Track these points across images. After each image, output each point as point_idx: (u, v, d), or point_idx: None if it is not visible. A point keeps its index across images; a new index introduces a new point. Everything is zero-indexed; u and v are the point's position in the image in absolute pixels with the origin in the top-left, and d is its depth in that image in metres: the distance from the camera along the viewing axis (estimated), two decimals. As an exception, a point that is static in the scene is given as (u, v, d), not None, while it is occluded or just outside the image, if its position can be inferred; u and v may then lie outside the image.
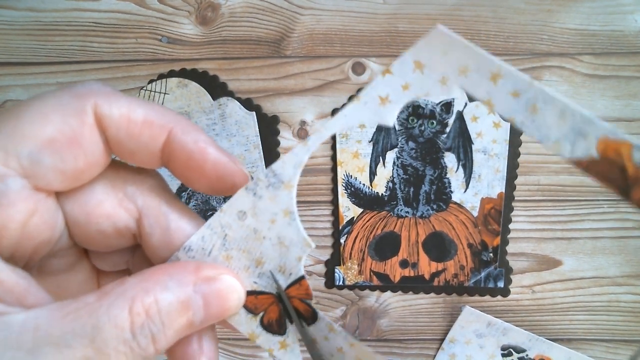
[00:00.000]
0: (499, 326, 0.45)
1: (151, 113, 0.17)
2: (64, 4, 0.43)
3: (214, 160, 0.17)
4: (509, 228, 0.44)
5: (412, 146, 0.43)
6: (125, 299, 0.15)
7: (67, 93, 0.16)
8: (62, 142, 0.15)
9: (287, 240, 0.18)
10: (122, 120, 0.16)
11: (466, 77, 0.14)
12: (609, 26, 0.42)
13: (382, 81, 0.15)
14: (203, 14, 0.43)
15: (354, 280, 0.45)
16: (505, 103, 0.14)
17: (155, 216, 0.18)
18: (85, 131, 0.16)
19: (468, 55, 0.14)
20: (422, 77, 0.15)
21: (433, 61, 0.15)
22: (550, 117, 0.13)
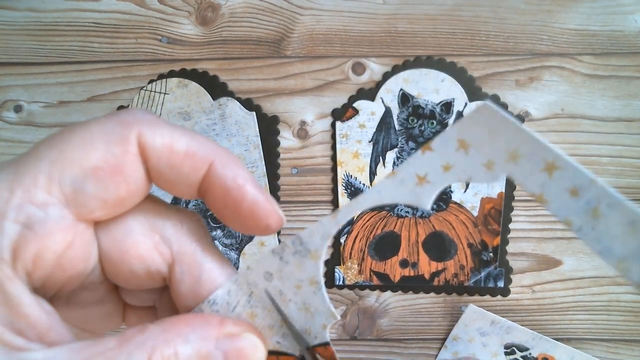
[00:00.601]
0: (502, 324, 0.45)
1: (194, 144, 0.17)
2: (64, 4, 0.43)
3: (251, 200, 0.17)
4: (509, 228, 0.44)
5: (412, 146, 0.43)
6: (145, 348, 0.15)
7: (111, 120, 0.16)
8: (105, 170, 0.15)
9: (313, 308, 0.18)
10: (164, 150, 0.16)
11: (516, 164, 0.13)
12: (609, 26, 0.42)
13: (422, 158, 0.14)
14: (203, 14, 0.43)
15: (354, 280, 0.45)
16: (561, 201, 0.12)
17: (189, 264, 0.17)
18: (128, 160, 0.16)
19: (520, 138, 0.12)
20: (466, 158, 0.13)
21: (479, 141, 0.13)
22: (615, 227, 0.11)
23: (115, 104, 0.44)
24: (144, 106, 0.44)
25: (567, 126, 0.43)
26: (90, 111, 0.44)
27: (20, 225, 0.14)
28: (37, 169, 0.15)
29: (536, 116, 0.43)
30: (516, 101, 0.43)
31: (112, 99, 0.44)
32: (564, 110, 0.43)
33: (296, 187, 0.45)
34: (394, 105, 0.43)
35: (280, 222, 0.17)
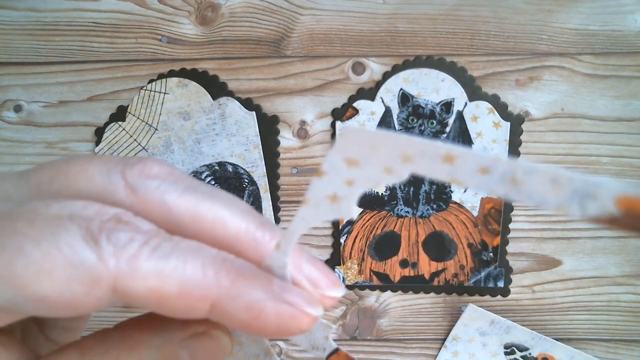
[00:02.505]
0: (502, 324, 0.45)
1: (186, 283, 0.13)
2: (64, 4, 0.43)
3: (275, 322, 0.14)
4: (509, 228, 0.44)
5: (412, 146, 0.43)
6: (109, 359, 0.14)
7: (87, 247, 0.13)
8: (55, 302, 0.13)
9: None
10: (150, 295, 0.13)
11: (414, 163, 0.12)
12: (609, 26, 0.42)
13: (321, 182, 0.14)
14: (203, 14, 0.43)
15: (354, 280, 0.45)
16: (476, 180, 0.12)
17: None
18: (88, 301, 0.13)
19: (400, 143, 0.12)
20: (362, 170, 0.13)
21: (365, 156, 0.13)
22: (540, 185, 0.11)
23: (115, 103, 0.44)
24: (144, 106, 0.43)
25: (567, 126, 0.43)
26: (90, 111, 0.44)
27: None
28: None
29: (536, 116, 0.43)
30: (516, 101, 0.43)
31: (112, 98, 0.44)
32: (564, 110, 0.43)
33: (296, 187, 0.45)
34: (394, 105, 0.43)
35: (314, 319, 0.15)
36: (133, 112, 0.44)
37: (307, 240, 0.45)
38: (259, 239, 0.15)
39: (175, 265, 0.13)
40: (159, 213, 0.14)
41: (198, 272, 0.14)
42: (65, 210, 0.13)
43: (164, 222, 0.14)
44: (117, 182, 0.14)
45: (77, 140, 0.45)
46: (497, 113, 0.42)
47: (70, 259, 0.13)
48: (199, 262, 0.14)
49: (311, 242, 0.45)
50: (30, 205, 0.14)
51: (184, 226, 0.14)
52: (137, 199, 0.14)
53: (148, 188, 0.14)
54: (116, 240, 0.13)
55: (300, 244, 0.16)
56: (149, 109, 0.44)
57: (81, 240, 0.13)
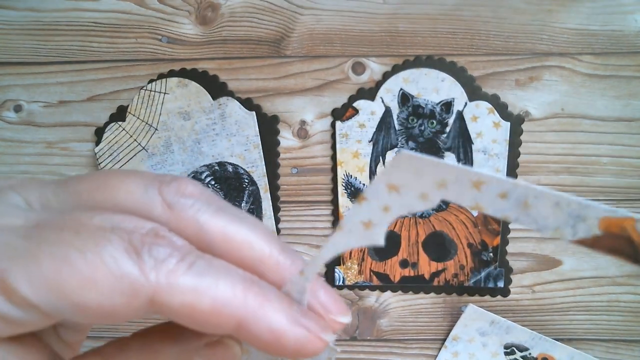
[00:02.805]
0: (502, 324, 0.45)
1: (218, 300, 0.14)
2: (64, 3, 0.43)
3: (294, 345, 0.15)
4: (509, 228, 0.44)
5: (412, 146, 0.43)
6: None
7: (130, 261, 0.14)
8: (95, 311, 0.14)
9: None
10: (184, 309, 0.14)
11: (447, 189, 0.14)
12: (609, 26, 0.42)
13: (360, 207, 0.15)
14: (203, 14, 0.43)
15: (354, 280, 0.45)
16: (495, 205, 0.14)
17: None
18: (126, 311, 0.14)
19: (442, 171, 0.14)
20: (400, 196, 0.15)
21: (407, 182, 0.15)
22: (544, 209, 0.13)
23: (115, 103, 0.44)
24: (144, 106, 0.43)
25: (567, 126, 0.43)
26: (90, 111, 0.44)
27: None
28: (25, 275, 0.13)
29: (536, 116, 0.43)
30: (516, 101, 0.43)
31: (112, 98, 0.44)
32: (564, 110, 0.43)
33: (296, 187, 0.45)
34: (394, 105, 0.43)
35: (324, 345, 0.16)
36: (133, 112, 0.44)
37: (307, 241, 0.45)
38: (281, 263, 0.16)
39: (210, 283, 0.14)
40: (192, 230, 0.15)
41: (229, 292, 0.14)
42: (107, 222, 0.14)
43: (196, 240, 0.15)
44: (154, 198, 0.15)
45: (77, 140, 0.45)
46: (497, 113, 0.42)
47: (114, 270, 0.13)
48: (230, 281, 0.14)
49: (311, 242, 0.45)
50: (73, 215, 0.14)
51: (214, 245, 0.15)
52: (173, 216, 0.15)
53: (183, 206, 0.15)
54: (157, 255, 0.14)
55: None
56: (149, 109, 0.44)
57: (124, 253, 0.14)
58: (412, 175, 0.14)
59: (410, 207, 0.15)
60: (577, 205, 0.12)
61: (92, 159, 0.45)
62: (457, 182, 0.14)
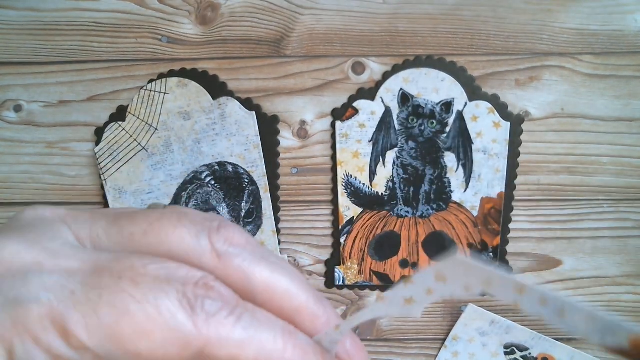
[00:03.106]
0: (502, 324, 0.45)
1: (262, 353, 0.15)
2: (64, 3, 0.43)
3: None
4: (509, 228, 0.44)
5: (412, 146, 0.43)
6: None
7: (184, 312, 0.14)
8: (144, 358, 0.14)
9: None
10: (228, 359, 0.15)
11: (491, 287, 0.15)
12: (609, 26, 0.42)
13: (405, 288, 0.17)
14: (203, 14, 0.43)
15: (354, 280, 0.45)
16: (533, 308, 0.15)
17: None
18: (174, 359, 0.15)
19: (491, 276, 0.15)
20: (445, 285, 0.16)
21: (456, 276, 0.16)
22: (578, 320, 0.14)
23: (115, 103, 0.44)
24: (144, 106, 0.43)
25: (567, 126, 0.43)
26: (90, 111, 0.44)
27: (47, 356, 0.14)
28: (84, 319, 0.14)
29: (536, 116, 0.43)
30: (516, 101, 0.43)
31: (112, 98, 0.44)
32: (564, 110, 0.43)
33: (296, 187, 0.45)
34: (394, 105, 0.43)
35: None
36: (133, 112, 0.44)
37: (308, 241, 0.45)
38: (317, 314, 0.17)
39: (254, 335, 0.15)
40: (238, 279, 0.16)
41: (271, 344, 0.15)
42: (162, 271, 0.15)
43: (241, 288, 0.16)
44: (205, 246, 0.16)
45: (77, 140, 0.45)
46: (497, 113, 0.42)
47: (170, 323, 0.14)
48: (272, 334, 0.15)
49: (311, 242, 0.45)
50: (129, 262, 0.15)
51: (257, 294, 0.16)
52: (221, 264, 0.16)
53: (231, 255, 0.16)
54: (209, 309, 0.15)
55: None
56: (149, 109, 0.44)
57: (179, 306, 0.14)
58: (462, 272, 0.16)
59: (453, 293, 0.16)
60: (610, 322, 0.13)
61: (92, 159, 0.45)
62: (502, 285, 0.15)
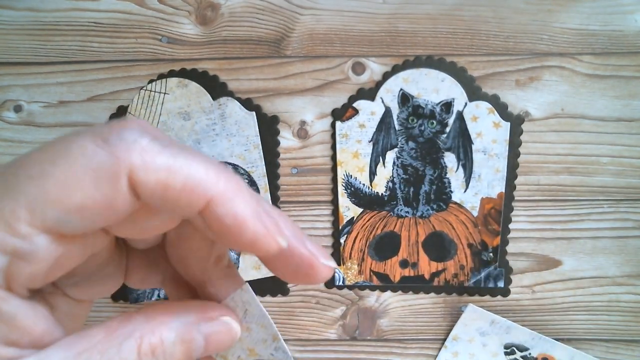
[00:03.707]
0: (502, 324, 0.45)
1: (192, 178, 0.15)
2: (64, 3, 0.43)
3: (251, 236, 0.16)
4: (509, 228, 0.44)
5: (412, 146, 0.43)
6: (134, 338, 0.16)
7: (101, 150, 0.15)
8: (92, 208, 0.15)
9: None
10: (158, 187, 0.15)
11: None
12: (609, 26, 0.42)
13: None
14: (203, 14, 0.43)
15: (354, 280, 0.45)
16: None
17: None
18: (118, 198, 0.15)
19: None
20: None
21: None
22: None
23: (115, 104, 0.44)
24: (144, 106, 0.43)
25: (567, 126, 0.43)
26: (90, 111, 0.44)
27: (9, 255, 0.14)
28: (17, 203, 0.14)
29: (536, 116, 0.43)
30: (516, 101, 0.43)
31: (112, 99, 0.44)
32: (564, 110, 0.43)
33: (296, 187, 0.45)
34: (394, 105, 0.43)
35: (279, 249, 0.17)
36: (133, 112, 0.44)
37: (307, 241, 0.45)
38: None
39: (183, 163, 0.15)
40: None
41: (202, 173, 0.15)
42: (71, 133, 0.15)
43: None
44: None
45: (77, 140, 0.45)
46: (497, 113, 0.42)
47: (88, 164, 0.14)
48: (203, 164, 0.15)
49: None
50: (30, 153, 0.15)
51: None
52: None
53: None
54: (127, 137, 0.15)
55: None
56: (149, 109, 0.44)
57: (93, 146, 0.15)
58: None
59: None
60: None
61: (92, 159, 0.45)
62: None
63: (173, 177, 0.15)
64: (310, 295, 0.46)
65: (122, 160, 0.15)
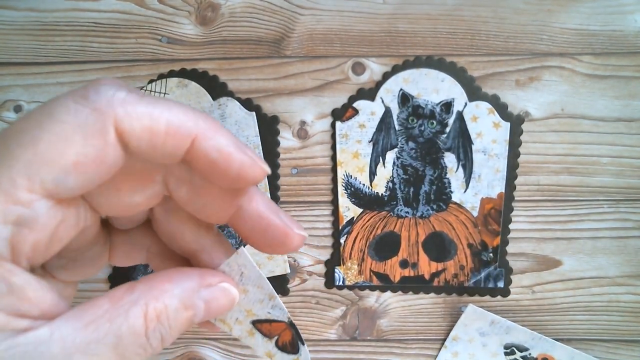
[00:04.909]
0: (502, 324, 0.45)
1: (174, 121, 0.16)
2: (64, 4, 0.43)
3: (238, 166, 0.17)
4: (508, 228, 0.44)
5: (412, 146, 0.43)
6: (140, 306, 0.17)
7: (83, 108, 0.15)
8: (86, 164, 0.15)
9: None
10: (143, 133, 0.16)
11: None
12: (609, 26, 0.42)
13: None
14: (203, 14, 0.43)
15: (354, 280, 0.45)
16: None
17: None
18: (108, 150, 0.16)
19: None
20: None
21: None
22: None
23: (115, 104, 0.44)
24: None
25: (567, 126, 0.43)
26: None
27: (12, 225, 0.15)
28: (14, 171, 0.15)
29: (536, 116, 0.43)
30: (516, 101, 0.43)
31: (112, 99, 0.44)
32: (564, 110, 0.43)
33: (296, 187, 0.45)
34: (394, 106, 0.43)
35: (264, 175, 0.18)
36: (133, 112, 0.44)
37: (308, 241, 0.45)
38: None
39: (163, 109, 0.16)
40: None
41: (182, 114, 0.16)
42: (49, 100, 0.16)
43: None
44: None
45: (77, 140, 0.45)
46: (497, 113, 0.42)
47: (74, 122, 0.15)
48: (182, 109, 0.17)
49: (311, 242, 0.45)
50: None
51: None
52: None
53: None
54: (105, 92, 0.16)
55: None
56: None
57: (75, 104, 0.15)
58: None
59: None
60: None
61: (92, 159, 0.45)
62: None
63: (156, 122, 0.16)
64: (310, 295, 0.46)
65: (105, 113, 0.15)
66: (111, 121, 0.15)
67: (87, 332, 0.16)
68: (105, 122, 0.15)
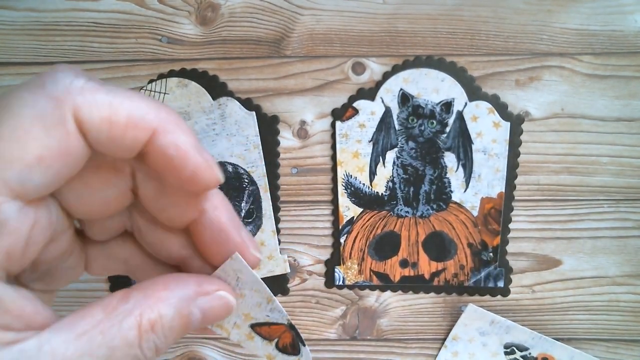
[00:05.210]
0: (502, 324, 0.45)
1: (134, 112, 0.16)
2: (64, 4, 0.43)
3: (192, 168, 0.17)
4: (509, 228, 0.44)
5: (412, 146, 0.43)
6: (134, 316, 0.16)
7: (40, 98, 0.14)
8: (50, 157, 0.15)
9: None
10: (103, 124, 0.15)
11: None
12: (609, 26, 0.42)
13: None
14: (203, 14, 0.43)
15: (354, 280, 0.45)
16: None
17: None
18: (71, 140, 0.15)
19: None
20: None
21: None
22: None
23: (115, 103, 0.44)
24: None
25: (567, 126, 0.43)
26: (90, 111, 0.44)
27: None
28: None
29: (536, 116, 0.43)
30: (516, 101, 0.43)
31: (112, 98, 0.44)
32: (564, 110, 0.43)
33: (296, 187, 0.45)
34: (394, 105, 0.43)
35: (217, 182, 0.18)
36: (133, 112, 0.44)
37: (307, 241, 0.45)
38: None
39: (123, 99, 0.16)
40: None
41: (143, 106, 0.16)
42: (4, 93, 0.15)
43: None
44: None
45: (77, 140, 0.45)
46: (497, 113, 0.42)
47: (32, 113, 0.14)
48: (143, 100, 0.16)
49: (311, 242, 0.45)
50: None
51: None
52: None
53: None
54: (62, 80, 0.15)
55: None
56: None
57: (31, 95, 0.15)
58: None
59: None
60: None
61: (92, 159, 0.45)
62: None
63: (116, 112, 0.15)
64: (310, 295, 0.46)
65: (63, 102, 0.15)
66: (70, 110, 0.15)
67: (79, 344, 0.15)
68: (64, 111, 0.15)
